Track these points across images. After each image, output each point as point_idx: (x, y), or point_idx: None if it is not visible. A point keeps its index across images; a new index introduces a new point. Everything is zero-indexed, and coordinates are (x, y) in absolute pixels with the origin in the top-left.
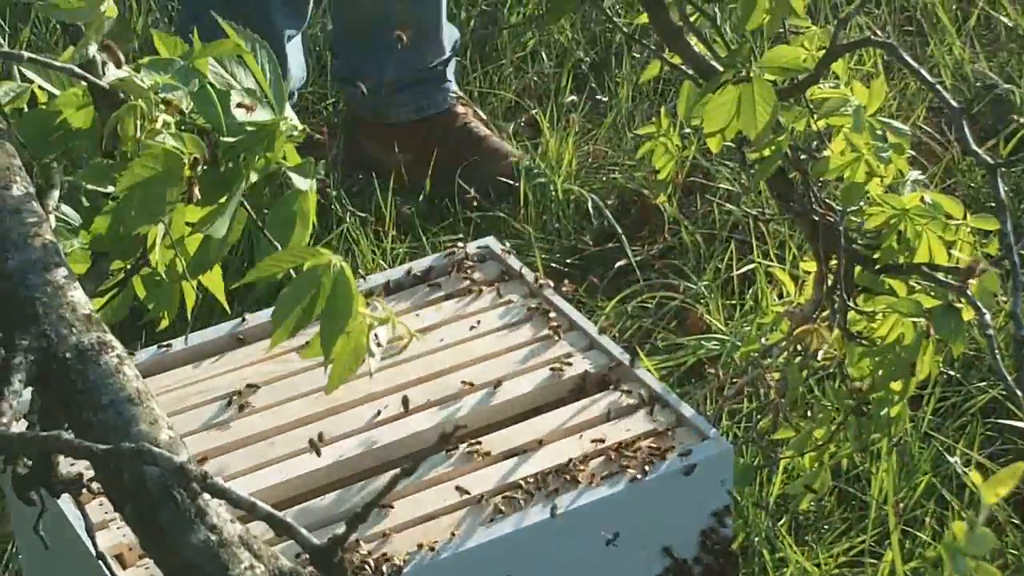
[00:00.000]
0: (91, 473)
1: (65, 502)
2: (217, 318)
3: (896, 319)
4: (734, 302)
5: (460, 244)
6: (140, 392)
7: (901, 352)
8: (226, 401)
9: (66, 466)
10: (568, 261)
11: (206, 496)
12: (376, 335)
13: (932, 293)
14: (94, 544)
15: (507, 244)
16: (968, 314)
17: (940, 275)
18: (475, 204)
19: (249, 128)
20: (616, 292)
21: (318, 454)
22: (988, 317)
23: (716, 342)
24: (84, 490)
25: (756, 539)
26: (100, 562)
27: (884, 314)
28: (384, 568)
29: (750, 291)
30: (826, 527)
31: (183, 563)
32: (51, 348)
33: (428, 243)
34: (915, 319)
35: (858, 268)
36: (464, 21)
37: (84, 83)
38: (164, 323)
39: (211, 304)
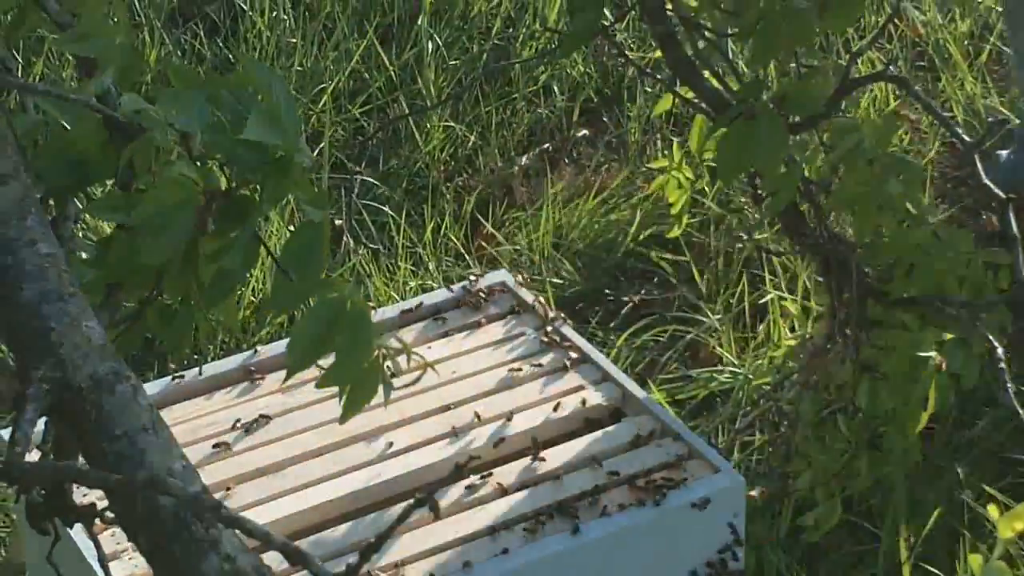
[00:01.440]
0: (105, 503)
1: (78, 532)
2: (232, 349)
3: (908, 352)
4: (746, 335)
5: (473, 277)
6: (154, 422)
7: (913, 385)
8: (239, 432)
9: (79, 495)
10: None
11: (220, 526)
12: (390, 367)
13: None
14: (107, 574)
15: (520, 278)
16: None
17: (952, 309)
18: None
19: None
20: (629, 325)
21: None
22: (1000, 351)
23: (728, 375)
24: (97, 520)
25: (767, 570)
26: None
27: (896, 347)
28: None
29: (762, 324)
30: (837, 559)
31: None
32: (66, 378)
33: (440, 277)
34: (927, 353)
35: (870, 301)
36: (476, 55)
37: (99, 115)
38: (178, 354)
39: (225, 335)
